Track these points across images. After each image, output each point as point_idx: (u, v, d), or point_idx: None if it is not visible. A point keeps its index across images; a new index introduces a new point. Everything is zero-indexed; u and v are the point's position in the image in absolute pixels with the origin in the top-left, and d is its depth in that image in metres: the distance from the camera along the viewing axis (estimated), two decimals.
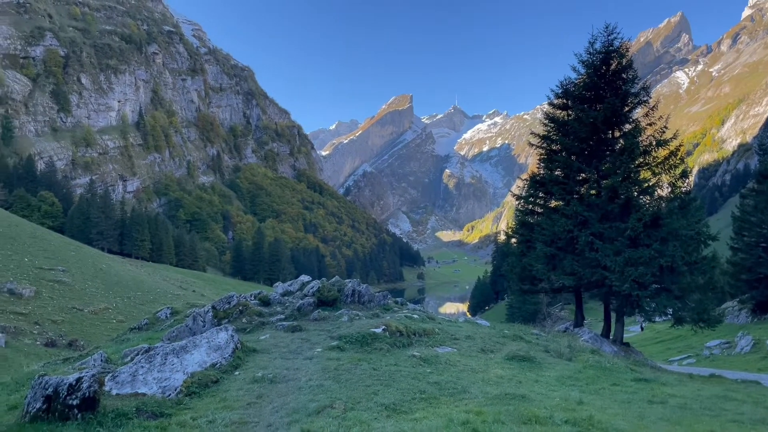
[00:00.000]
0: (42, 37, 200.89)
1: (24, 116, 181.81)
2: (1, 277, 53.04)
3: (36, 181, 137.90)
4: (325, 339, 16.22)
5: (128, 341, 19.68)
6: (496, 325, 23.50)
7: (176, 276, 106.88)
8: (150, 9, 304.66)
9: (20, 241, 67.14)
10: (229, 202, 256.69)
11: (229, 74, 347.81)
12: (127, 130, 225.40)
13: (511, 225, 33.65)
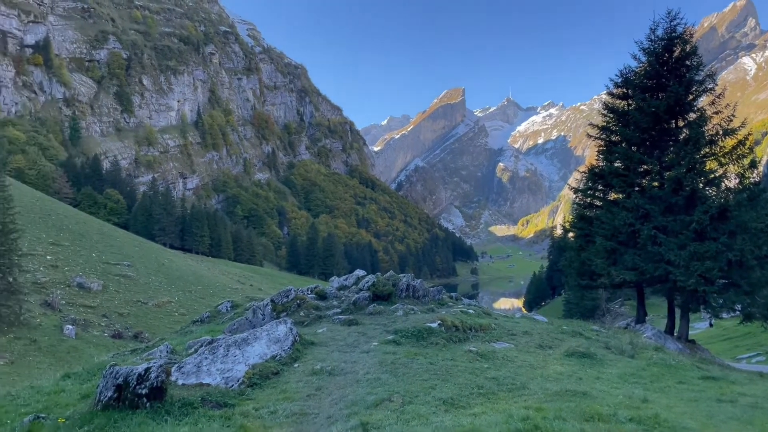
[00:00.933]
0: (105, 41, 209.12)
1: (90, 117, 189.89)
2: (72, 272, 55.62)
3: (102, 180, 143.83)
4: (380, 333, 16.29)
5: (191, 333, 20.31)
6: (553, 321, 23.08)
7: (234, 270, 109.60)
8: (207, 10, 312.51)
9: (88, 238, 70.19)
10: (284, 198, 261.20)
11: (283, 72, 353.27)
12: (186, 129, 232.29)
13: (569, 219, 32.93)
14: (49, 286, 49.95)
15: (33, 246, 56.90)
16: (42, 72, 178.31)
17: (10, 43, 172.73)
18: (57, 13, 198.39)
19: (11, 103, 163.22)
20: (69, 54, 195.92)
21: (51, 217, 71.71)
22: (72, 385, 12.91)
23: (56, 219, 72.08)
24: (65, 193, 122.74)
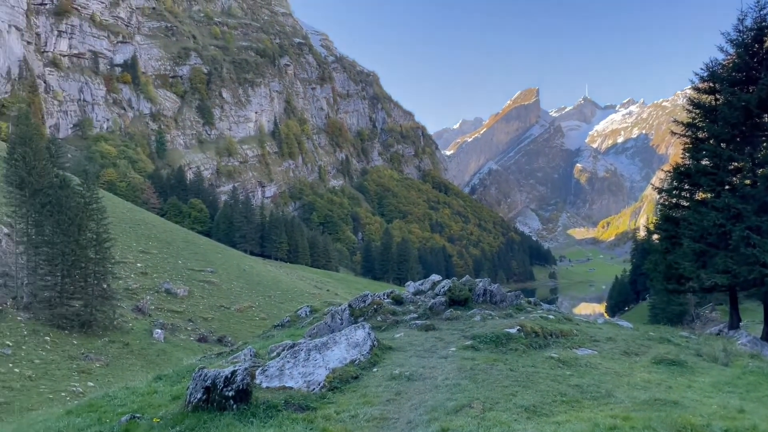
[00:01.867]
0: (187, 57, 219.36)
1: (174, 131, 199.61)
2: (160, 278, 58.51)
3: (186, 190, 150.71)
4: (458, 338, 16.17)
5: (273, 337, 20.91)
6: (638, 327, 22.15)
7: (311, 276, 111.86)
8: (281, 23, 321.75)
9: (174, 245, 73.66)
10: (358, 204, 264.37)
11: (355, 80, 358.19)
12: (263, 139, 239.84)
13: (653, 220, 31.62)
14: (140, 292, 52.77)
15: (125, 254, 60.27)
16: (130, 89, 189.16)
17: (101, 63, 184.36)
18: (143, 33, 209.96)
19: (103, 119, 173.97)
20: (154, 71, 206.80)
21: (140, 227, 75.80)
22: (163, 386, 13.58)
23: (145, 228, 76.12)
24: (153, 203, 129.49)
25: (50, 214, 40.76)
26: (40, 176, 43.32)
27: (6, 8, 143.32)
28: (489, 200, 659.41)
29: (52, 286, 40.18)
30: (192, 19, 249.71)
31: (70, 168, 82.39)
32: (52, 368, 32.13)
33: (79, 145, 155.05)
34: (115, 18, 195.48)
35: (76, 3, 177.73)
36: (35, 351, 33.75)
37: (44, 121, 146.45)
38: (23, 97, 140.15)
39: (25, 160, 43.89)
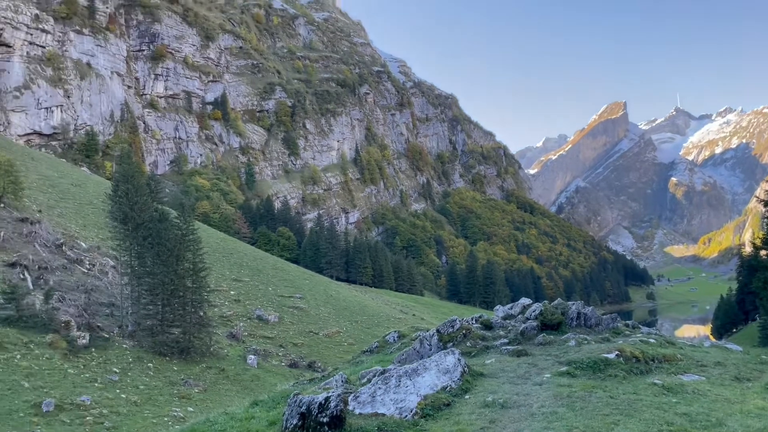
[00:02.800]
0: (273, 92, 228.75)
1: (262, 162, 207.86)
2: (252, 305, 60.46)
3: (274, 219, 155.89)
4: (552, 364, 15.60)
5: (362, 363, 20.98)
6: (749, 350, 20.50)
7: (396, 300, 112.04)
8: (360, 53, 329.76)
9: (265, 273, 76.06)
10: (441, 227, 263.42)
11: (434, 104, 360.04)
12: (346, 166, 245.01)
13: (759, 235, 29.41)
14: (233, 319, 54.72)
15: (219, 282, 62.81)
16: (221, 125, 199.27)
17: (194, 102, 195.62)
18: (231, 72, 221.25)
19: (197, 155, 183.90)
20: (242, 107, 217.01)
21: (233, 256, 78.91)
22: (260, 412, 13.89)
23: (237, 257, 79.17)
24: (244, 232, 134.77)
25: (151, 246, 43.22)
26: (141, 211, 46.10)
27: (108, 56, 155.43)
28: (578, 219, 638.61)
29: (153, 315, 42.39)
30: (276, 55, 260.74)
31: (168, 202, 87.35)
32: (155, 394, 33.75)
33: (176, 180, 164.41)
34: (206, 59, 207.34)
35: (170, 47, 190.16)
36: (140, 377, 35.60)
37: (144, 159, 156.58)
38: (125, 138, 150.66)
39: (127, 196, 46.90)
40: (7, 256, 48.01)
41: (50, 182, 77.72)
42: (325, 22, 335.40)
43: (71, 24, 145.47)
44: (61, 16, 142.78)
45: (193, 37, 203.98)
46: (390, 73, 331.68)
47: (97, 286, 48.83)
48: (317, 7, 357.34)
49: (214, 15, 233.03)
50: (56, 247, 54.26)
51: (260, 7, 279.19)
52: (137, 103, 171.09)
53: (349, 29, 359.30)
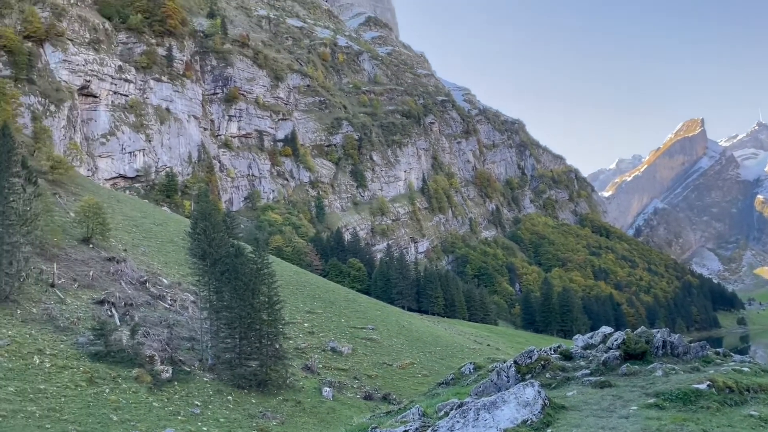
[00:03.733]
0: (340, 126, 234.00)
1: (331, 195, 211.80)
2: (325, 337, 60.91)
3: (345, 251, 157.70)
4: (639, 396, 14.86)
5: (438, 396, 20.62)
6: None
7: (470, 330, 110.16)
8: (424, 84, 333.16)
9: (337, 305, 76.69)
10: (513, 254, 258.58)
11: (500, 130, 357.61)
12: (413, 196, 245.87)
13: None
14: (308, 351, 55.23)
15: (293, 315, 63.76)
16: (291, 161, 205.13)
17: (265, 140, 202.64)
18: (300, 109, 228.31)
19: (269, 190, 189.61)
20: (311, 142, 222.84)
21: (306, 288, 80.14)
22: None
23: (310, 289, 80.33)
24: (315, 265, 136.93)
25: (228, 280, 44.50)
26: (218, 247, 47.70)
27: (185, 101, 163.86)
28: (657, 242, 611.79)
29: (231, 348, 43.41)
30: (342, 90, 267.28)
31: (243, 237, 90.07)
32: (235, 426, 34.32)
33: (250, 215, 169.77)
34: (276, 98, 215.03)
35: (242, 89, 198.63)
36: (220, 410, 36.35)
37: (220, 197, 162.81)
38: (202, 177, 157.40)
39: (205, 233, 48.70)
40: (96, 294, 50.66)
41: (134, 222, 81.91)
42: (388, 56, 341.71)
43: (151, 72, 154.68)
44: (141, 66, 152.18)
45: (264, 79, 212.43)
46: (454, 102, 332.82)
47: (178, 321, 50.64)
48: (380, 42, 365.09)
49: (282, 56, 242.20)
50: (140, 284, 56.84)
51: (326, 45, 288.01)
52: (213, 144, 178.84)
53: (412, 61, 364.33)
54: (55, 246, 56.36)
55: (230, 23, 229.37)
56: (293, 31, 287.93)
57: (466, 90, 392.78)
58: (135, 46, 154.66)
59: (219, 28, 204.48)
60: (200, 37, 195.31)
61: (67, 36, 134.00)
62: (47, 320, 42.47)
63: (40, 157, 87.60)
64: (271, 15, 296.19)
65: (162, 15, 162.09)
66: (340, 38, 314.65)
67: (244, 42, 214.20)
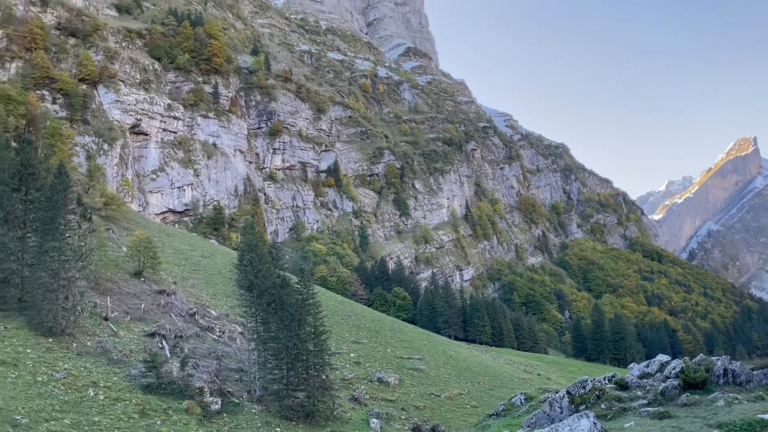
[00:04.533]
0: (381, 156, 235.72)
1: (374, 224, 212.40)
2: (372, 367, 60.36)
3: (389, 279, 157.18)
4: (700, 427, 14.07)
5: (489, 427, 19.99)
6: None
7: (519, 359, 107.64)
8: (465, 111, 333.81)
9: (383, 334, 76.16)
10: (561, 281, 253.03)
11: (544, 154, 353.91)
12: (457, 223, 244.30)
13: None
14: (355, 381, 54.78)
15: (339, 345, 63.57)
16: (334, 191, 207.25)
17: (308, 171, 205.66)
18: (342, 140, 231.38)
19: (313, 221, 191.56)
20: (354, 172, 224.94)
21: (351, 318, 79.96)
22: None
23: (355, 319, 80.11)
24: (360, 294, 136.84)
25: (274, 311, 44.80)
26: (265, 278, 48.22)
27: (231, 136, 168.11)
28: (713, 265, 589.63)
29: (279, 379, 43.44)
30: (383, 120, 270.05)
31: (289, 268, 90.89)
32: None
33: (295, 246, 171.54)
34: (318, 130, 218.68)
35: (285, 123, 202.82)
36: None
37: (266, 229, 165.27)
38: (248, 210, 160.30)
39: (252, 264, 49.38)
40: (147, 327, 51.70)
41: (183, 255, 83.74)
42: (428, 84, 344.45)
43: (198, 109, 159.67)
44: (189, 103, 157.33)
45: (306, 111, 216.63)
46: (496, 128, 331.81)
47: (227, 353, 51.09)
48: (420, 71, 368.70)
49: (324, 89, 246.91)
50: (189, 316, 57.79)
51: (366, 77, 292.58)
52: (258, 177, 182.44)
53: (452, 89, 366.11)
54: (109, 280, 57.97)
55: (273, 59, 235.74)
56: (334, 64, 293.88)
57: (507, 116, 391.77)
58: (183, 85, 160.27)
59: (263, 64, 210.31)
60: (245, 74, 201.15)
61: (119, 77, 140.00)
62: (101, 353, 43.48)
63: (94, 194, 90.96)
64: (313, 50, 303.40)
65: (208, 54, 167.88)
66: (381, 69, 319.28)
67: (287, 77, 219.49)
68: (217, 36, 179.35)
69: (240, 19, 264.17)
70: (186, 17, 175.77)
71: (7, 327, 42.36)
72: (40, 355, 39.77)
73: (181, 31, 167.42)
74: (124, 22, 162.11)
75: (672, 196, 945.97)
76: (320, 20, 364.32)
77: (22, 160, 48.02)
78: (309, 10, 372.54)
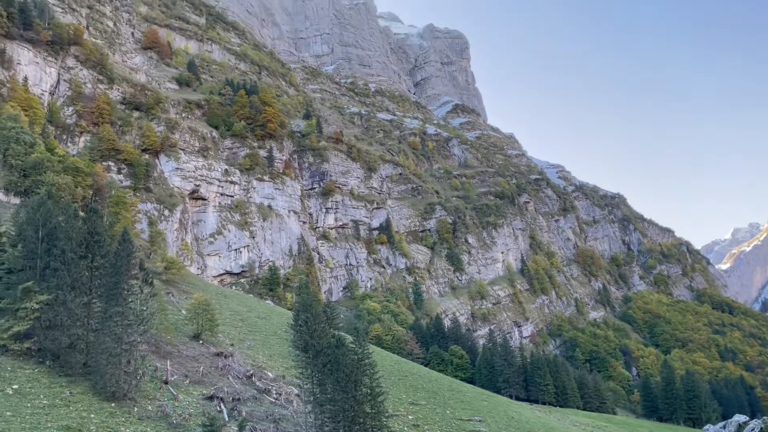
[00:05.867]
0: (433, 211, 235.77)
1: (428, 281, 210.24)
2: (431, 430, 58.28)
3: (445, 337, 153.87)
4: None
5: None
6: None
7: (585, 420, 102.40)
8: (516, 164, 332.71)
9: (441, 395, 73.92)
10: (626, 336, 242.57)
11: (600, 205, 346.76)
12: (513, 278, 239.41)
13: None
14: None
15: (396, 407, 61.94)
16: (386, 248, 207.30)
17: (361, 229, 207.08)
18: (393, 197, 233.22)
19: (366, 279, 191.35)
20: (405, 228, 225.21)
21: (408, 378, 78.15)
22: None
23: (412, 379, 78.23)
24: (416, 353, 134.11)
25: (330, 372, 44.21)
26: (320, 338, 47.95)
27: (285, 197, 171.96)
28: None
29: None
30: (433, 176, 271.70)
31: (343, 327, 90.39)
32: None
33: (349, 305, 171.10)
34: (369, 189, 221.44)
35: (337, 182, 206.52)
36: None
37: (320, 288, 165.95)
38: (302, 269, 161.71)
39: (307, 325, 49.29)
40: (206, 390, 51.84)
41: (240, 317, 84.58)
42: (477, 139, 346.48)
43: (254, 173, 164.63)
44: (245, 167, 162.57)
45: (357, 171, 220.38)
46: (549, 180, 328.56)
47: (284, 416, 50.45)
48: (468, 127, 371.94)
49: (374, 148, 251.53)
50: (247, 378, 57.72)
51: (415, 135, 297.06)
52: (311, 236, 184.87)
53: (501, 143, 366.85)
54: (169, 343, 58.86)
55: (325, 122, 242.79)
56: (384, 124, 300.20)
57: (559, 167, 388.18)
58: (239, 150, 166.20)
59: (314, 127, 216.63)
60: (298, 137, 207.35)
61: (180, 146, 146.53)
62: (161, 417, 43.66)
63: (156, 258, 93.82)
64: (363, 111, 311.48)
65: (263, 120, 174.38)
66: (429, 127, 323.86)
67: (338, 138, 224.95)
68: (271, 103, 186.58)
69: (292, 85, 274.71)
70: (241, 87, 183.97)
71: (72, 392, 43.25)
72: (103, 420, 40.24)
73: (237, 99, 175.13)
74: (183, 94, 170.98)
75: (739, 244, 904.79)
76: (369, 83, 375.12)
77: (89, 229, 50.09)
78: (358, 74, 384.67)
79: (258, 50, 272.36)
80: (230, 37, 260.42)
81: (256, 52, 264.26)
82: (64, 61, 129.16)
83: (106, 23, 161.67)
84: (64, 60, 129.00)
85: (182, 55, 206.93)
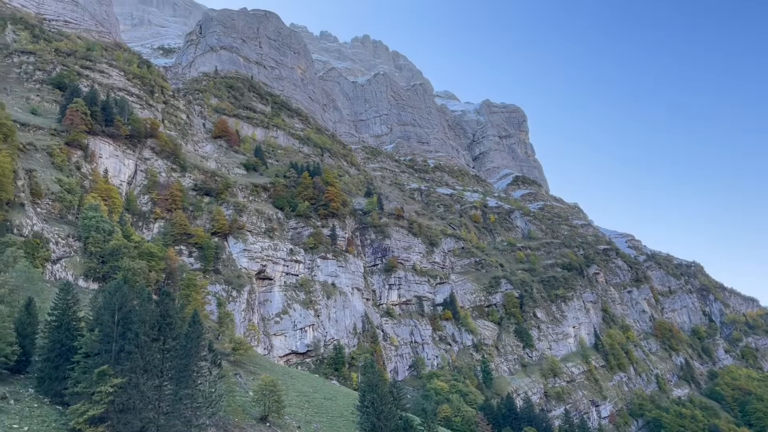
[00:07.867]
0: (498, 285, 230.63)
1: (497, 358, 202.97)
2: None
3: (518, 419, 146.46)
4: None
5: None
6: None
7: None
8: (582, 234, 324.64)
9: None
10: (715, 415, 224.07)
11: (675, 275, 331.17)
12: (587, 353, 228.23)
13: None
14: None
15: None
16: (452, 324, 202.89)
17: (425, 305, 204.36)
18: (456, 272, 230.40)
19: (432, 357, 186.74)
20: (470, 304, 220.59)
21: None
22: None
23: None
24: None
25: None
26: (387, 420, 46.45)
27: (349, 275, 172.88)
28: None
29: None
30: (497, 249, 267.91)
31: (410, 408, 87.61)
32: None
33: (415, 384, 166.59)
34: (432, 264, 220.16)
35: (400, 258, 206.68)
36: None
37: (385, 367, 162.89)
38: (367, 348, 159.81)
39: (374, 406, 47.96)
40: None
41: (306, 398, 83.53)
42: (540, 210, 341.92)
43: (317, 252, 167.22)
44: (309, 246, 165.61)
45: (419, 246, 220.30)
46: (618, 250, 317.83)
47: None
48: (530, 198, 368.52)
49: (435, 223, 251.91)
50: None
51: (476, 208, 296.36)
52: (375, 313, 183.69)
53: (566, 213, 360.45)
54: (237, 426, 58.40)
55: (385, 199, 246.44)
56: (444, 198, 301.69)
57: (629, 236, 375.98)
58: (303, 230, 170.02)
59: (376, 204, 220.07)
60: (359, 215, 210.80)
61: (247, 228, 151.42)
62: None
63: (224, 339, 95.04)
64: (422, 187, 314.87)
65: (326, 200, 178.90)
66: (490, 200, 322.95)
67: (399, 214, 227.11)
68: (333, 182, 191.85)
69: (353, 165, 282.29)
70: (305, 168, 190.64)
71: None
72: None
73: (301, 181, 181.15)
74: (251, 179, 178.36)
75: None
76: (428, 159, 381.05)
77: (161, 312, 51.50)
78: (417, 151, 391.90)
79: (320, 133, 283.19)
80: (294, 123, 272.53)
81: (319, 136, 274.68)
82: (141, 152, 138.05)
83: (179, 116, 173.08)
84: (141, 152, 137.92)
85: (249, 142, 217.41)
